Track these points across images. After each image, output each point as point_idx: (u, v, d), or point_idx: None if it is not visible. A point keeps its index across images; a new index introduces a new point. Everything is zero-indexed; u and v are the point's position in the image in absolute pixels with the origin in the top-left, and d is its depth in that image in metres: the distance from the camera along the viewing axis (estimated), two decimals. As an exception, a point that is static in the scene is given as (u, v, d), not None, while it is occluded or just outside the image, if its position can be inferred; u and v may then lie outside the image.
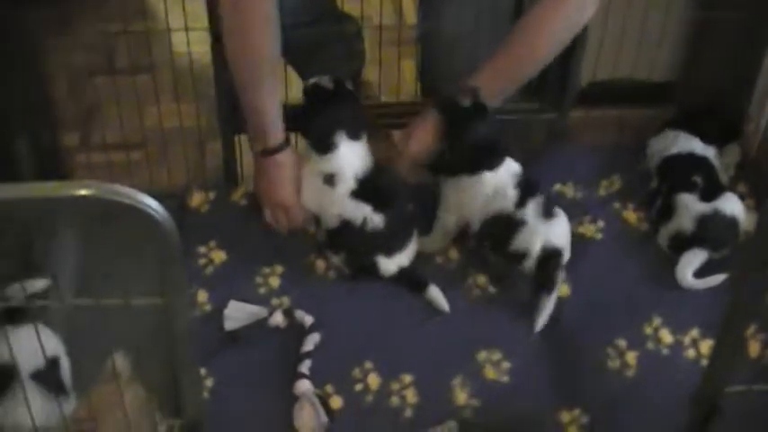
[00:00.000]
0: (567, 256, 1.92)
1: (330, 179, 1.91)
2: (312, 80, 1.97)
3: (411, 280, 1.94)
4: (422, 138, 1.97)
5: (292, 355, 1.83)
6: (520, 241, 1.89)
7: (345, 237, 1.92)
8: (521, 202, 1.89)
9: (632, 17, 2.02)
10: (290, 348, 1.84)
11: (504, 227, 1.90)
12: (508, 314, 1.93)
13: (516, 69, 1.93)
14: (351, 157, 1.92)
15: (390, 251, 1.93)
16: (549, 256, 1.89)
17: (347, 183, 1.91)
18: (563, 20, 1.87)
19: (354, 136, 1.92)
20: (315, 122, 1.94)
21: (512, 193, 1.90)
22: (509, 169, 1.92)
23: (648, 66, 2.19)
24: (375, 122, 2.08)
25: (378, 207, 1.90)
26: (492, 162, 1.91)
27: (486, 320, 1.92)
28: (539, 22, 1.88)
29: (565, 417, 1.79)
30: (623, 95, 2.26)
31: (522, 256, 1.90)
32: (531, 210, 1.89)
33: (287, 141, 1.95)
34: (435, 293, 1.92)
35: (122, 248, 1.73)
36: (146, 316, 1.28)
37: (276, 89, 1.91)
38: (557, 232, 1.91)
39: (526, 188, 1.91)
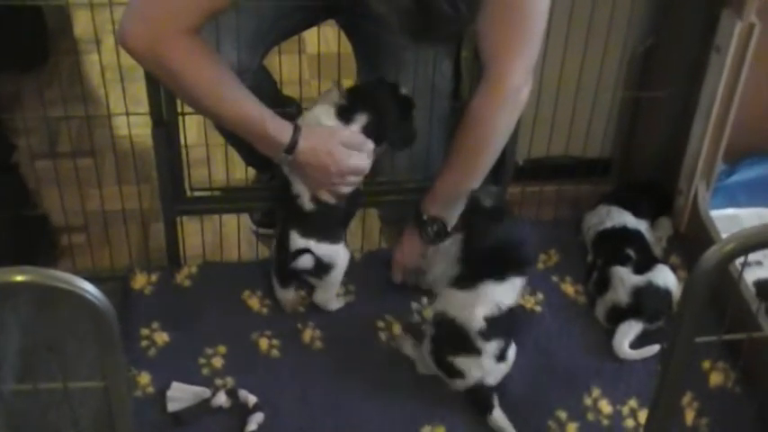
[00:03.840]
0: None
1: None
2: None
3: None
4: (408, 248, 2.03)
5: (236, 435, 1.83)
6: (463, 363, 1.86)
7: None
8: (488, 335, 1.84)
9: (564, 97, 2.08)
10: (234, 429, 1.84)
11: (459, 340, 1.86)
12: (452, 390, 1.95)
13: (470, 163, 1.95)
14: None
15: None
16: (480, 389, 1.88)
17: None
18: (503, 104, 1.89)
19: None
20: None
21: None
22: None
23: (582, 143, 2.25)
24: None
25: None
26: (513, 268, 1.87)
27: (430, 396, 1.93)
28: (481, 114, 1.89)
29: (509, 490, 1.80)
30: (559, 171, 2.31)
31: (459, 373, 1.88)
32: (492, 347, 1.86)
33: (296, 136, 1.84)
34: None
35: (64, 331, 1.74)
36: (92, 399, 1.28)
37: (248, 103, 1.81)
38: (497, 371, 1.89)
39: (506, 327, 1.87)
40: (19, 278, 1.15)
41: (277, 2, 1.91)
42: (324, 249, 1.96)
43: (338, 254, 1.99)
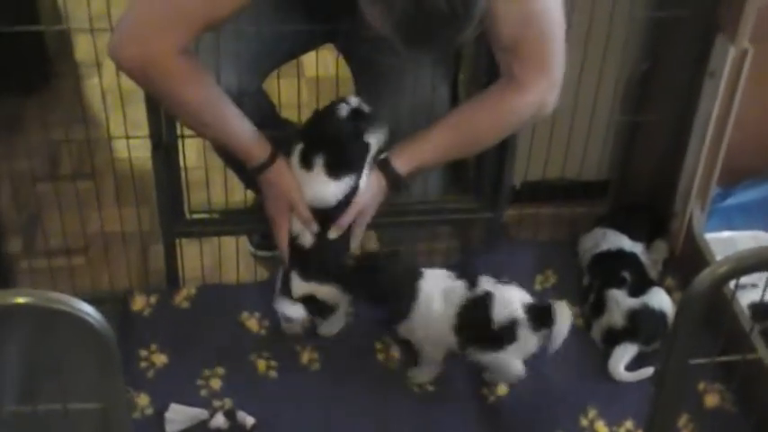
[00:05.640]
0: None
1: None
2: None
3: None
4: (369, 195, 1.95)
5: (233, 457, 1.84)
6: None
7: None
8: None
9: (560, 120, 2.10)
10: (232, 450, 1.85)
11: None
12: (448, 411, 1.95)
13: (462, 141, 1.92)
14: None
15: None
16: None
17: None
18: (521, 109, 1.86)
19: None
20: None
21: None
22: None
23: (578, 166, 2.27)
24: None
25: None
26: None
27: (426, 417, 1.94)
28: (497, 103, 1.87)
29: None
30: (555, 194, 2.32)
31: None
32: None
33: (272, 158, 1.88)
34: None
35: (64, 353, 1.74)
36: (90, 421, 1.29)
37: (235, 122, 1.84)
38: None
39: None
40: (19, 300, 1.16)
41: (276, 26, 1.92)
42: (326, 292, 1.94)
43: (341, 294, 1.97)
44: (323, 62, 2.08)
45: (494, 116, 1.89)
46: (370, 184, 1.90)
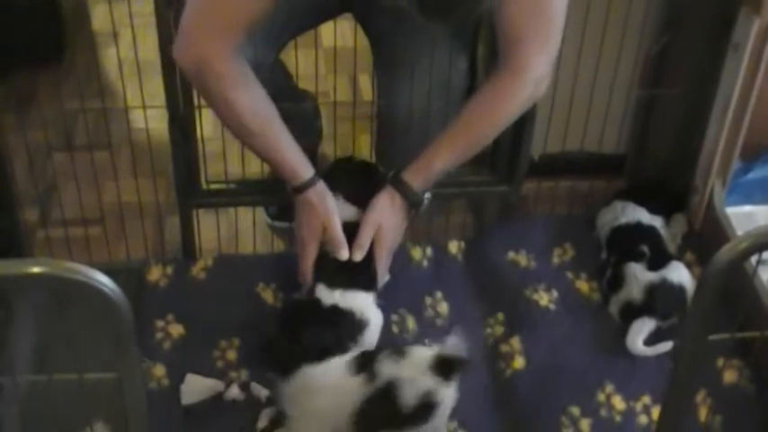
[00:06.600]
0: None
1: None
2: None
3: None
4: (388, 216, 1.95)
5: (248, 429, 1.83)
6: None
7: None
8: None
9: (579, 93, 2.08)
10: (247, 422, 1.84)
11: None
12: (463, 384, 1.94)
13: (471, 142, 1.93)
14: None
15: None
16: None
17: None
18: (520, 94, 1.87)
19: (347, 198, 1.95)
20: None
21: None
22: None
23: (597, 139, 2.25)
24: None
25: None
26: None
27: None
28: (498, 99, 1.88)
29: (520, 485, 1.80)
30: (574, 167, 2.31)
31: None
32: None
33: (313, 179, 1.91)
34: None
35: (79, 323, 1.75)
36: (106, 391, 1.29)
37: (281, 135, 1.87)
38: None
39: None
40: (35, 270, 1.16)
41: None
42: (351, 299, 1.88)
43: (370, 307, 1.90)
44: (341, 33, 2.07)
45: (496, 109, 1.88)
46: (382, 203, 1.91)
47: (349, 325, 1.85)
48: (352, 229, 1.90)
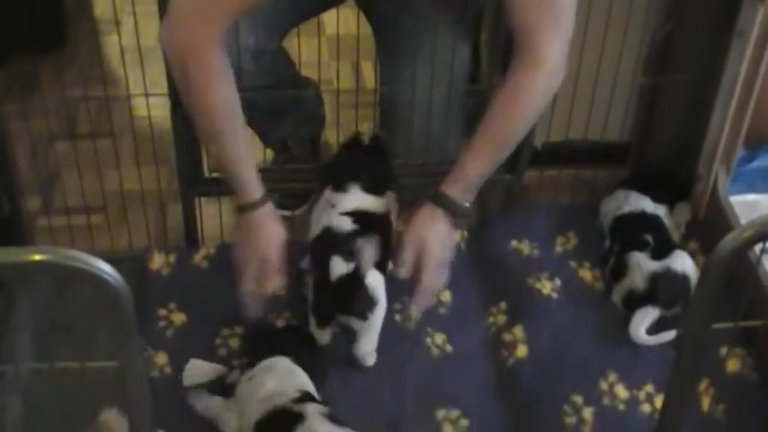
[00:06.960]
0: None
1: None
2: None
3: None
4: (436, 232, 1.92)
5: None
6: None
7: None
8: None
9: (582, 81, 2.07)
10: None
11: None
12: (466, 372, 1.95)
13: (500, 143, 1.90)
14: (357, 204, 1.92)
15: None
16: None
17: None
18: (540, 84, 1.83)
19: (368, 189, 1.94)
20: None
21: None
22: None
23: (601, 127, 2.24)
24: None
25: None
26: None
27: (445, 379, 1.93)
28: (520, 92, 1.84)
29: (523, 473, 1.80)
30: (577, 156, 2.30)
31: None
32: None
33: (263, 200, 1.89)
34: None
35: (81, 311, 1.75)
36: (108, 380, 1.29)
37: (242, 143, 1.86)
38: None
39: None
40: (37, 257, 1.16)
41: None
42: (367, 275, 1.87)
43: (381, 285, 1.89)
44: (343, 20, 2.06)
45: (519, 104, 1.85)
46: (421, 218, 1.89)
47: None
48: (371, 220, 1.89)
